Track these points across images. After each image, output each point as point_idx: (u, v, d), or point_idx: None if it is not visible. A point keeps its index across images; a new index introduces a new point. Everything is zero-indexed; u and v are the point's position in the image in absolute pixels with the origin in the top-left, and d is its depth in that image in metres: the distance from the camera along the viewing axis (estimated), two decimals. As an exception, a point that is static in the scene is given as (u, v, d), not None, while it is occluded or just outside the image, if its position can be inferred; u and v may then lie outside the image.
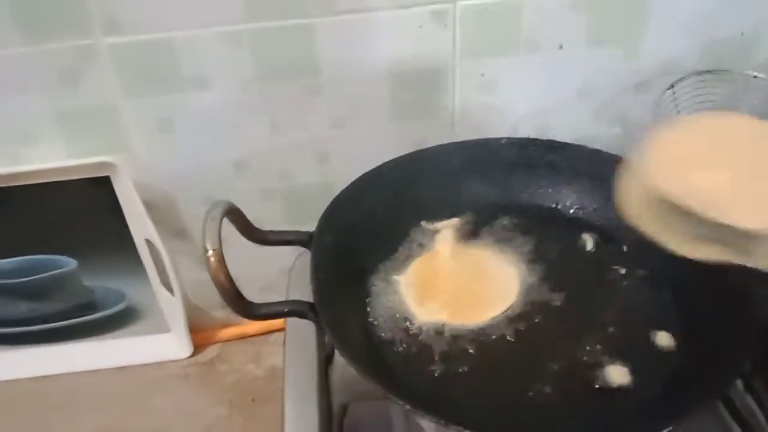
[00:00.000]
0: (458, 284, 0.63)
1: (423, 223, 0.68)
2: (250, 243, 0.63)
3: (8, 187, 0.76)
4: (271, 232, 0.62)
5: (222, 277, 0.52)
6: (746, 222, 0.44)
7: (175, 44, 0.70)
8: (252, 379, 0.86)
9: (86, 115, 0.73)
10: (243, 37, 0.70)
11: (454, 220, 0.68)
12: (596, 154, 0.68)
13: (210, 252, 0.51)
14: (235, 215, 0.58)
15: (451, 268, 0.64)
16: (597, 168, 0.68)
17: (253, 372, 0.87)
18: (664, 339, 0.58)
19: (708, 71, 0.74)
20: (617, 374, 0.55)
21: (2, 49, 0.68)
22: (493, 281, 0.63)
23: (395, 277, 0.64)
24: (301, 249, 0.76)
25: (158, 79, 0.72)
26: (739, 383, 0.60)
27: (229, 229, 0.59)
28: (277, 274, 0.84)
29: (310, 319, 0.55)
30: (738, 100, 0.75)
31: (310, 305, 0.55)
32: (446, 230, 0.67)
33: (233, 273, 0.53)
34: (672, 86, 0.73)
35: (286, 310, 0.55)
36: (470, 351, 0.58)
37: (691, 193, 0.46)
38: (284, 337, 0.72)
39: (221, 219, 0.54)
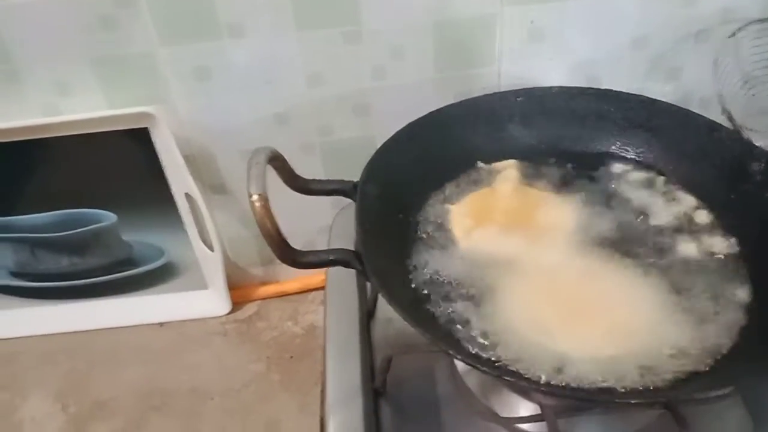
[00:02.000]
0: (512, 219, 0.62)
1: (479, 163, 0.66)
2: (289, 199, 0.61)
3: (46, 138, 0.75)
4: (315, 181, 0.60)
5: (268, 223, 0.50)
6: None
7: (212, -11, 0.68)
8: (290, 336, 0.86)
9: (123, 63, 0.72)
10: (282, -18, 0.68)
11: (512, 161, 0.66)
12: (653, 104, 0.64)
13: (255, 197, 0.50)
14: (278, 162, 0.57)
15: (508, 204, 0.63)
16: (653, 119, 0.64)
17: (291, 329, 0.87)
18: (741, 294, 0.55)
19: (772, 18, 0.70)
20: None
21: (39, -4, 0.67)
22: (547, 218, 0.61)
23: (447, 206, 0.63)
24: (341, 205, 0.76)
25: (195, 25, 0.70)
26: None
27: (270, 184, 0.57)
28: (317, 232, 0.83)
29: (354, 268, 0.53)
30: (804, 49, 0.71)
31: (356, 254, 0.53)
32: (509, 169, 0.65)
33: None
34: (734, 34, 0.69)
35: (331, 258, 0.53)
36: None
37: None
38: (324, 294, 0.71)
39: (265, 164, 0.53)
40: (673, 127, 0.64)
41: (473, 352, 0.51)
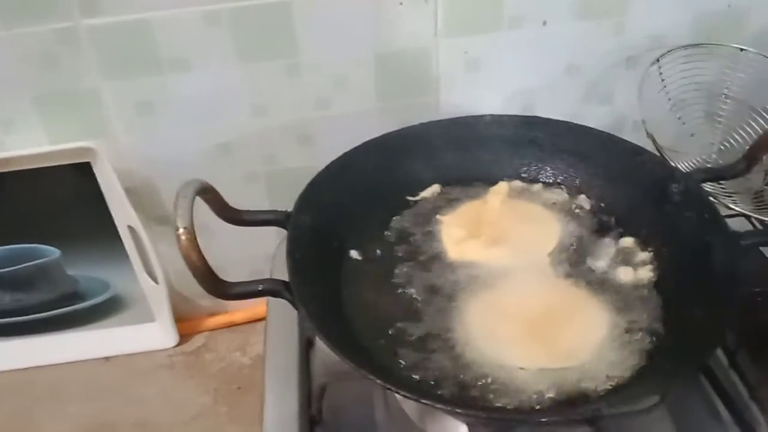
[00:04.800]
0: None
1: (408, 197, 0.68)
2: (237, 228, 0.62)
3: (-11, 174, 0.75)
4: (248, 212, 0.60)
5: (194, 256, 0.50)
6: None
7: (153, 25, 0.69)
8: (238, 367, 0.85)
9: (65, 99, 0.73)
10: (222, 17, 0.69)
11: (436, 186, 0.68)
12: (579, 129, 0.66)
13: (181, 230, 0.50)
14: (209, 194, 0.57)
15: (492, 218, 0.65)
16: (580, 144, 0.66)
17: (239, 360, 0.86)
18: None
19: (694, 45, 0.73)
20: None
21: (-22, 35, 0.67)
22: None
23: (438, 217, 0.65)
24: (283, 233, 0.76)
25: (137, 61, 0.71)
26: (723, 360, 0.59)
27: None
28: (265, 261, 0.83)
29: (285, 299, 0.54)
30: (725, 74, 0.74)
31: (285, 284, 0.54)
32: (500, 183, 0.67)
33: (219, 261, 0.52)
34: (658, 60, 0.72)
35: (260, 288, 0.54)
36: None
37: None
38: (265, 323, 0.70)
39: (193, 197, 0.53)
40: (599, 151, 0.65)
41: (402, 376, 0.51)
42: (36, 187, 0.77)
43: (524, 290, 0.59)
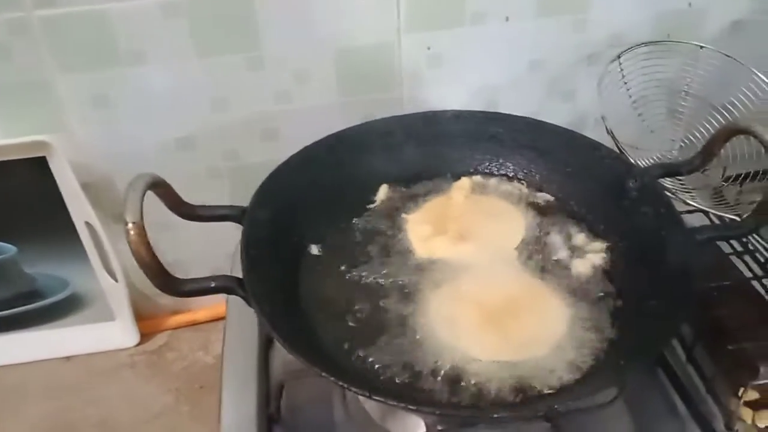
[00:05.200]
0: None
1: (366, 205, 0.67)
2: (199, 225, 0.61)
3: (-61, 169, 0.73)
4: (203, 207, 0.59)
5: (143, 252, 0.49)
6: None
7: (110, 16, 0.68)
8: (201, 366, 0.84)
9: (19, 91, 0.71)
10: (180, 8, 0.68)
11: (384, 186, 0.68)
12: (538, 125, 0.66)
13: (130, 225, 0.49)
14: (161, 189, 0.55)
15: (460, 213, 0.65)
16: (539, 140, 0.66)
17: (202, 359, 0.85)
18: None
19: (654, 42, 0.73)
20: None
21: (-75, 24, 0.65)
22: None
23: (404, 216, 0.64)
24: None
25: (93, 53, 0.70)
26: (681, 354, 0.59)
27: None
28: (226, 258, 0.82)
29: (239, 296, 0.53)
30: (685, 71, 0.74)
31: (239, 280, 0.53)
32: (463, 179, 0.67)
33: (181, 255, 0.51)
34: (618, 57, 0.72)
35: (213, 285, 0.53)
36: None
37: None
38: (225, 322, 0.69)
39: (144, 191, 0.52)
40: (558, 147, 0.65)
41: (357, 372, 0.51)
42: (-9, 182, 0.76)
43: (488, 284, 0.59)
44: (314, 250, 0.62)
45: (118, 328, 0.86)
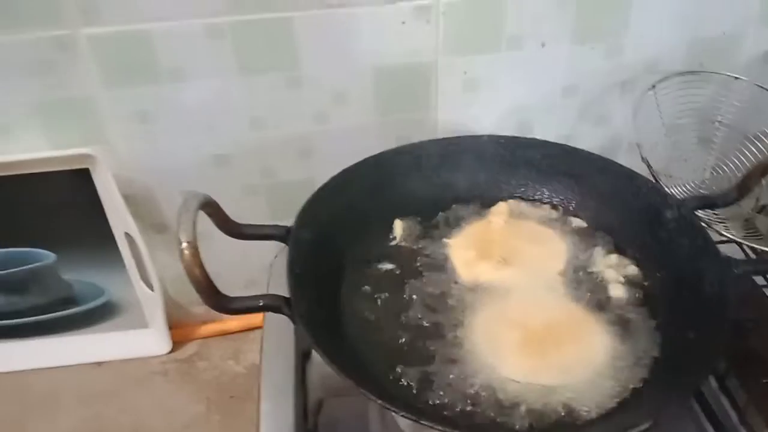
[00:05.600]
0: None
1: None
2: (233, 238, 0.62)
3: (-14, 179, 0.75)
4: (249, 225, 0.61)
5: (196, 270, 0.51)
6: None
7: (153, 35, 0.69)
8: (231, 376, 0.86)
9: (65, 106, 0.72)
10: (223, 29, 0.70)
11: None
12: (574, 152, 0.68)
13: (184, 244, 0.51)
14: (211, 208, 0.57)
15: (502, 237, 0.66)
16: (575, 166, 0.67)
17: (233, 369, 0.86)
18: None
19: (690, 72, 0.74)
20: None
21: (-21, 39, 0.67)
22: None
23: (445, 240, 0.65)
24: (282, 245, 0.77)
25: (136, 70, 0.71)
26: (714, 384, 0.60)
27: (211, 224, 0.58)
28: (261, 269, 0.83)
29: (285, 314, 0.54)
30: (719, 100, 0.75)
31: (286, 300, 0.54)
32: (500, 203, 0.68)
33: (216, 268, 0.52)
34: (653, 86, 0.73)
35: (261, 304, 0.54)
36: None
37: None
38: (261, 334, 0.71)
39: (196, 211, 0.53)
40: (593, 174, 0.67)
41: (399, 392, 0.52)
42: (34, 191, 0.77)
43: (531, 308, 0.60)
44: (355, 270, 0.64)
45: (151, 336, 0.88)
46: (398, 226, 0.68)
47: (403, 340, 0.57)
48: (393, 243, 0.66)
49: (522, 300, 0.60)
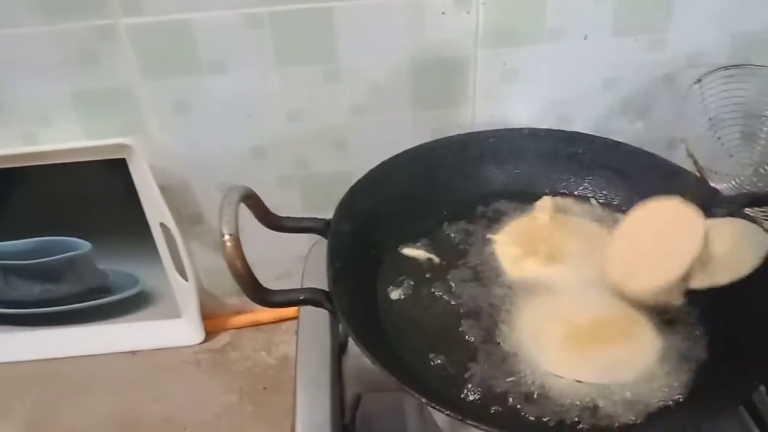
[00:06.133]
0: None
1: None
2: (266, 229, 0.62)
3: (24, 167, 0.76)
4: (288, 218, 0.61)
5: (238, 263, 0.51)
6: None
7: (193, 25, 0.69)
8: (263, 367, 0.86)
9: (103, 96, 0.73)
10: (262, 20, 0.69)
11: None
12: (617, 146, 0.66)
13: (226, 237, 0.51)
14: (251, 200, 0.57)
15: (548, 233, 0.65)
16: (619, 161, 0.66)
17: (265, 360, 0.87)
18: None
19: (736, 65, 0.72)
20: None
21: (21, 28, 0.68)
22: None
23: (489, 236, 0.64)
24: (316, 236, 0.76)
25: (175, 61, 0.71)
26: (762, 388, 0.59)
27: (245, 215, 0.58)
28: (294, 261, 0.84)
29: (325, 308, 0.54)
30: (765, 95, 0.74)
31: (326, 294, 0.54)
32: (546, 198, 0.67)
33: (249, 259, 0.52)
34: (699, 80, 0.71)
35: (301, 297, 0.54)
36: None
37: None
38: (297, 326, 0.71)
39: (238, 203, 0.53)
40: (637, 169, 0.65)
41: (440, 389, 0.52)
42: (70, 180, 0.78)
43: (579, 305, 0.58)
44: (393, 263, 0.63)
45: (184, 326, 0.88)
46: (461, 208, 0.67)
47: (444, 335, 0.57)
48: (433, 236, 0.65)
49: (568, 297, 0.59)
